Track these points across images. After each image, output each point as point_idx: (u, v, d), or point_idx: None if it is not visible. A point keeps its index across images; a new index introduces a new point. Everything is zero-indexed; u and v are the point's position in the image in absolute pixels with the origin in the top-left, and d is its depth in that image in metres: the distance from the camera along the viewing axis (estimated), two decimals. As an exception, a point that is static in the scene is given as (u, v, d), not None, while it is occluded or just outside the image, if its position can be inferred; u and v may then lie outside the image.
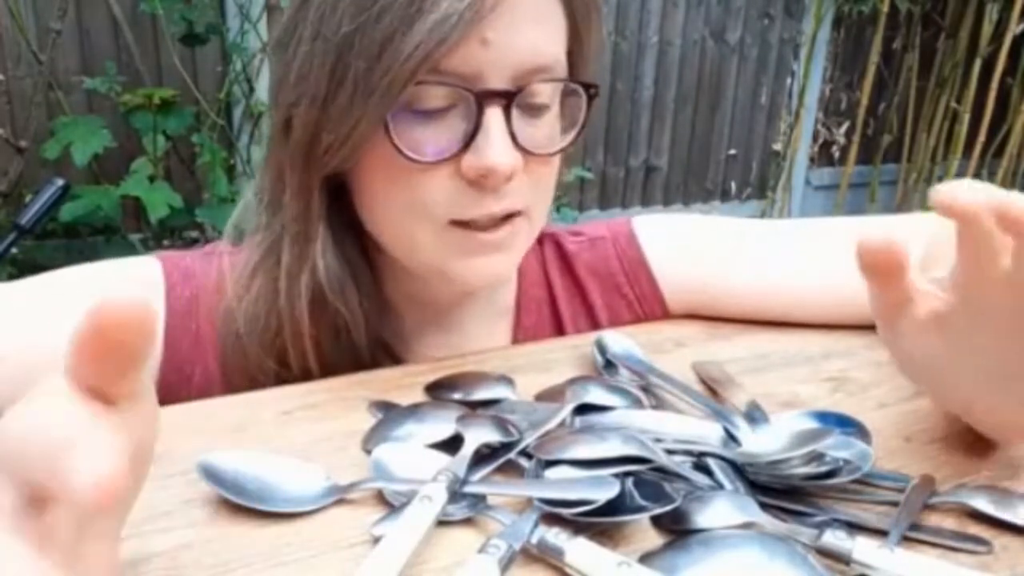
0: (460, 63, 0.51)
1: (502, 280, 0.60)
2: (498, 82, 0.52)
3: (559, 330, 0.69)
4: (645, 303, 0.70)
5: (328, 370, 0.59)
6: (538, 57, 0.53)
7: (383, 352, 0.63)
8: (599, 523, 0.40)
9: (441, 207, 0.54)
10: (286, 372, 0.59)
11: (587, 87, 0.57)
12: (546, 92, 0.55)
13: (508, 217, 0.56)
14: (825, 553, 0.38)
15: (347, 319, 0.58)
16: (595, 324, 0.69)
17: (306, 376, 0.58)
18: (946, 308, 0.42)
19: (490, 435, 0.46)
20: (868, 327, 0.66)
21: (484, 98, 0.52)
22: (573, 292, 0.71)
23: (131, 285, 0.60)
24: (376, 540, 0.39)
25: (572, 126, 0.59)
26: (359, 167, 0.56)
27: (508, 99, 0.52)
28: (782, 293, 0.68)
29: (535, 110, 0.55)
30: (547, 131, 0.56)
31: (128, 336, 0.27)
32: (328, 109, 0.53)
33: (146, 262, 0.62)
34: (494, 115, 0.52)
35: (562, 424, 0.49)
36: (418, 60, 0.50)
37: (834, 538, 0.39)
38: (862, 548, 0.38)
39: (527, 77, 0.53)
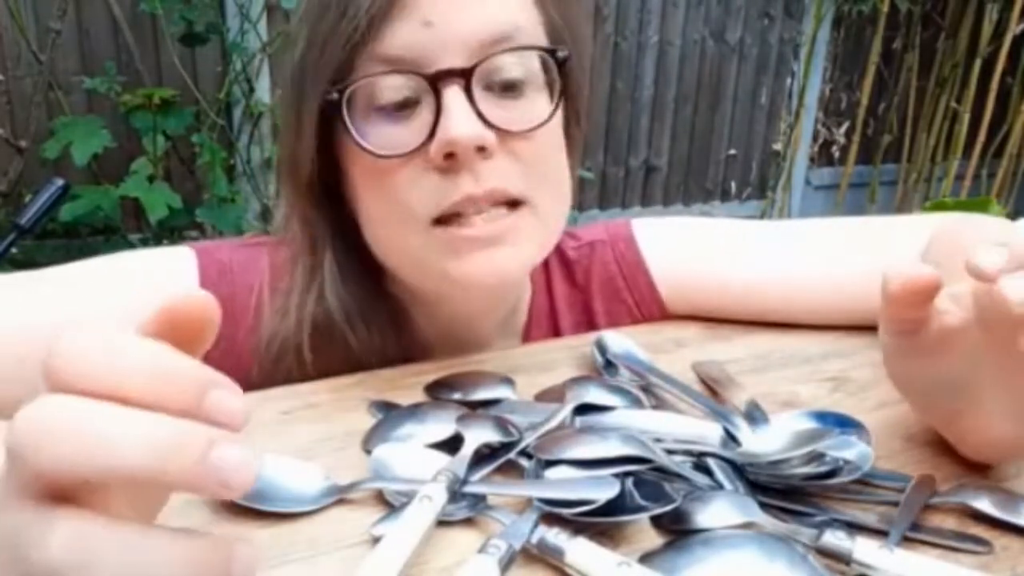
0: (405, 48, 0.50)
1: (510, 277, 0.55)
2: (451, 60, 0.50)
3: None
4: (644, 306, 0.70)
5: None
6: (492, 27, 0.51)
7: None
8: (599, 523, 0.40)
9: (420, 205, 0.52)
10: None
11: (553, 52, 0.54)
12: (515, 66, 0.52)
13: (509, 208, 0.54)
14: (825, 553, 0.38)
15: (355, 347, 0.58)
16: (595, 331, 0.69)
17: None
18: (961, 324, 0.41)
19: (490, 435, 0.46)
20: (867, 327, 0.66)
21: (438, 79, 0.50)
22: (574, 301, 0.70)
23: (161, 285, 0.58)
24: (376, 540, 0.39)
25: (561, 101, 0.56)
26: (350, 187, 0.56)
27: (465, 76, 0.50)
28: (781, 293, 0.68)
29: (508, 88, 0.53)
30: (526, 109, 0.53)
31: (190, 331, 0.29)
32: (299, 123, 0.54)
33: (179, 256, 0.60)
34: (452, 93, 0.50)
35: (562, 424, 0.49)
36: (354, 43, 0.50)
37: (834, 538, 0.39)
38: (862, 548, 0.38)
39: (484, 49, 0.51)
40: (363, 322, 0.58)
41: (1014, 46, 3.09)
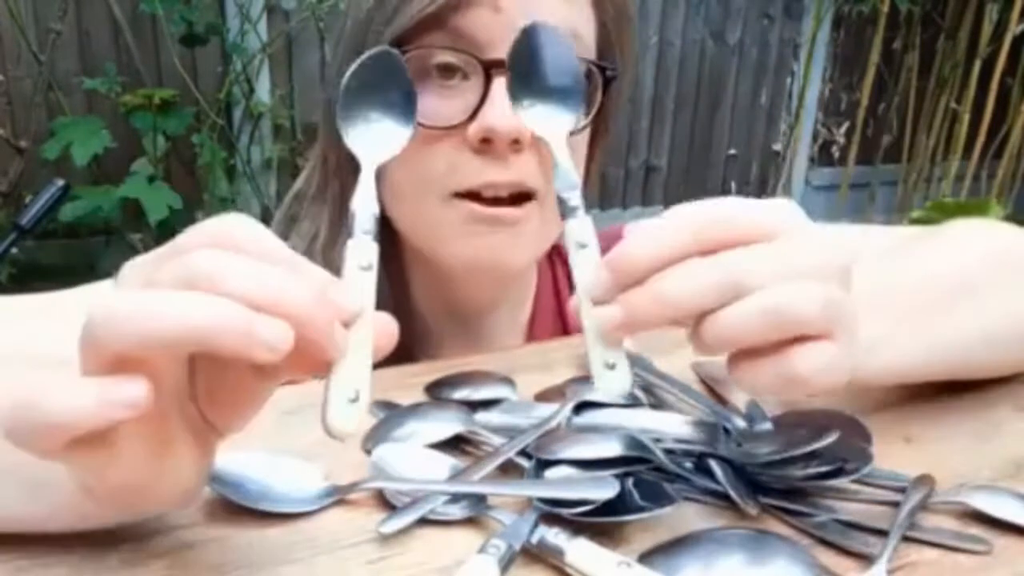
0: (471, 26, 0.52)
1: (509, 266, 0.58)
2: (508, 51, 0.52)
3: None
4: None
5: None
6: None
7: (407, 361, 0.63)
8: (599, 523, 0.40)
9: (445, 176, 0.55)
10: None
11: (602, 68, 0.57)
12: None
13: (519, 201, 0.56)
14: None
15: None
16: None
17: None
18: None
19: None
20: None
21: (491, 67, 0.52)
22: None
23: None
24: (384, 538, 0.39)
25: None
26: None
27: None
28: None
29: None
30: None
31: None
32: None
33: None
34: (501, 84, 0.52)
35: (562, 424, 0.49)
36: (427, 15, 0.52)
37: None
38: (860, 548, 0.38)
39: None
40: (384, 268, 0.60)
41: (1014, 46, 3.09)
